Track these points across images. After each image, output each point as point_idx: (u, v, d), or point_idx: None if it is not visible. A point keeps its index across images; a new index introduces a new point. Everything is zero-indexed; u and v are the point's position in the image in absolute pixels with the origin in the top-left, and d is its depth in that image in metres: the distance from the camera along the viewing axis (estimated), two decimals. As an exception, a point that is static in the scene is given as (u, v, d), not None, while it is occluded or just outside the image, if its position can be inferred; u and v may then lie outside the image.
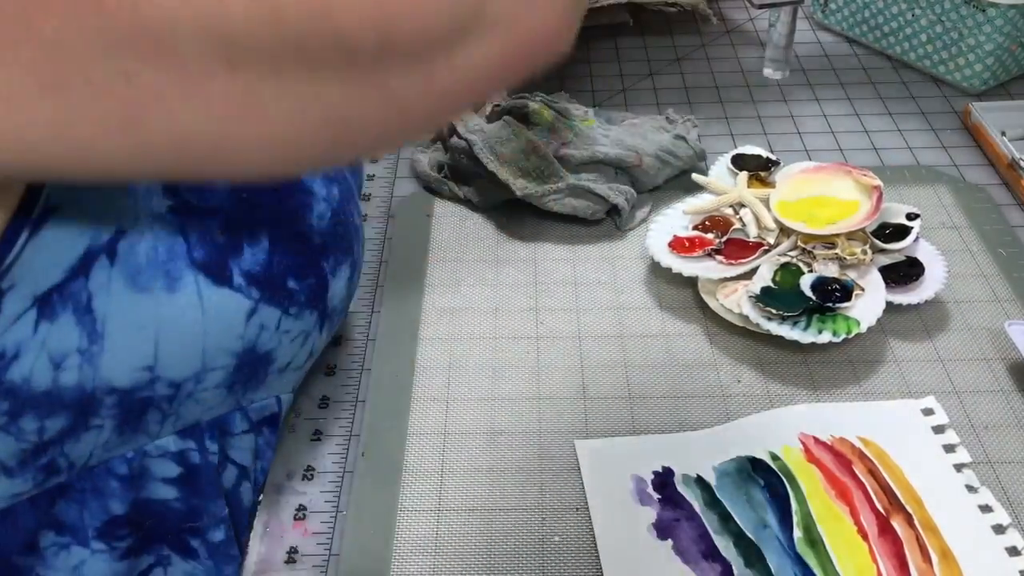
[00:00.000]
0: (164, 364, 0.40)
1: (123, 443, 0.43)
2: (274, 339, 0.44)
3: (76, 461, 0.41)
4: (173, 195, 0.39)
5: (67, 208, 0.35)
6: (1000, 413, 0.56)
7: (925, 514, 0.50)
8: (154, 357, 0.40)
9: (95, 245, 0.37)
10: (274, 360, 0.45)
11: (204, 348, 0.41)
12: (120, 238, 0.38)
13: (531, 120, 0.73)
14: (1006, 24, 0.80)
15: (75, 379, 0.38)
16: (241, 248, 0.41)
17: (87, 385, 0.38)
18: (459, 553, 0.49)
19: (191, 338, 0.40)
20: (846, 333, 0.57)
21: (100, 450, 0.42)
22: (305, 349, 0.47)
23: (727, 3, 1.02)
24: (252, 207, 0.41)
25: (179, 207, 0.39)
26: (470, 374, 0.59)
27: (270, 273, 0.42)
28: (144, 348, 0.39)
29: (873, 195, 0.64)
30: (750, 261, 0.62)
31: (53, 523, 0.43)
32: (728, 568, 0.48)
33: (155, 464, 0.45)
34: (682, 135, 0.75)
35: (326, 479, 0.53)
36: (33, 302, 0.36)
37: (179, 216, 0.39)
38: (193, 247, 0.39)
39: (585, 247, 0.69)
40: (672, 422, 0.56)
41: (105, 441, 0.41)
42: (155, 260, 0.38)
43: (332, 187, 0.46)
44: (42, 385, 0.37)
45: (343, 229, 0.46)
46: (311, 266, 0.44)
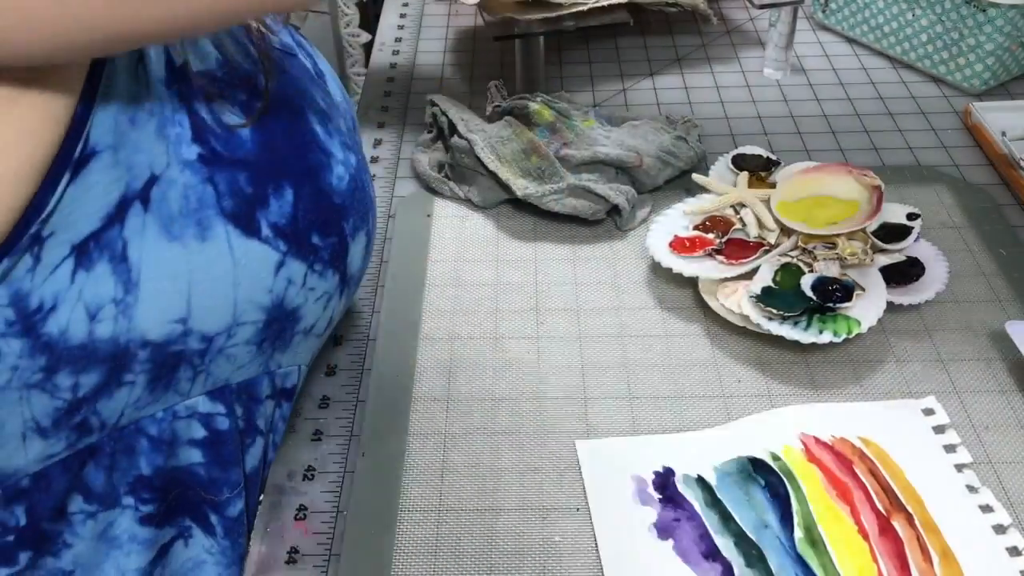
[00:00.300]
0: (196, 316, 0.41)
1: (154, 401, 0.43)
2: (300, 296, 0.44)
3: (108, 420, 0.42)
4: (202, 143, 0.40)
5: (105, 153, 0.36)
6: (1001, 413, 0.56)
7: (926, 514, 0.50)
8: (187, 309, 0.40)
9: (130, 191, 0.38)
10: (300, 319, 0.46)
11: (235, 300, 0.42)
12: (153, 184, 0.38)
13: (532, 120, 0.73)
14: (1006, 24, 0.80)
15: (110, 331, 0.39)
16: (267, 200, 0.42)
17: (121, 338, 0.39)
18: (459, 553, 0.49)
19: (222, 289, 0.41)
20: (847, 333, 0.57)
21: (131, 409, 0.42)
22: (327, 313, 0.48)
23: (727, 3, 1.02)
24: (275, 160, 0.42)
25: (208, 156, 0.40)
26: (470, 374, 0.59)
27: (296, 227, 0.43)
28: (177, 299, 0.40)
29: (873, 195, 0.64)
30: (751, 261, 0.62)
31: (82, 488, 0.44)
32: (729, 568, 0.48)
33: (184, 426, 0.45)
34: (682, 136, 0.75)
35: (327, 479, 0.53)
36: (71, 250, 0.37)
37: (208, 166, 0.40)
38: (222, 197, 0.40)
39: (585, 247, 0.69)
40: (673, 422, 0.56)
41: (137, 399, 0.42)
42: (186, 209, 0.39)
43: (349, 154, 0.47)
44: (78, 338, 0.38)
45: (361, 195, 0.47)
46: (333, 224, 0.45)
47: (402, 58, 0.94)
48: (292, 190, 0.43)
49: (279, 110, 0.43)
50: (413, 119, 0.84)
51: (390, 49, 0.96)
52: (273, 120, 0.43)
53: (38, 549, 0.44)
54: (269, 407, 0.50)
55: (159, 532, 0.48)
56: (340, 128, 0.47)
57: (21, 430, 0.39)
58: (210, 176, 0.40)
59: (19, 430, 0.39)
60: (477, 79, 0.90)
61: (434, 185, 0.75)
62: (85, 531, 0.45)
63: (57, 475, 0.42)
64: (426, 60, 0.94)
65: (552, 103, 0.75)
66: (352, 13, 1.56)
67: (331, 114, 0.47)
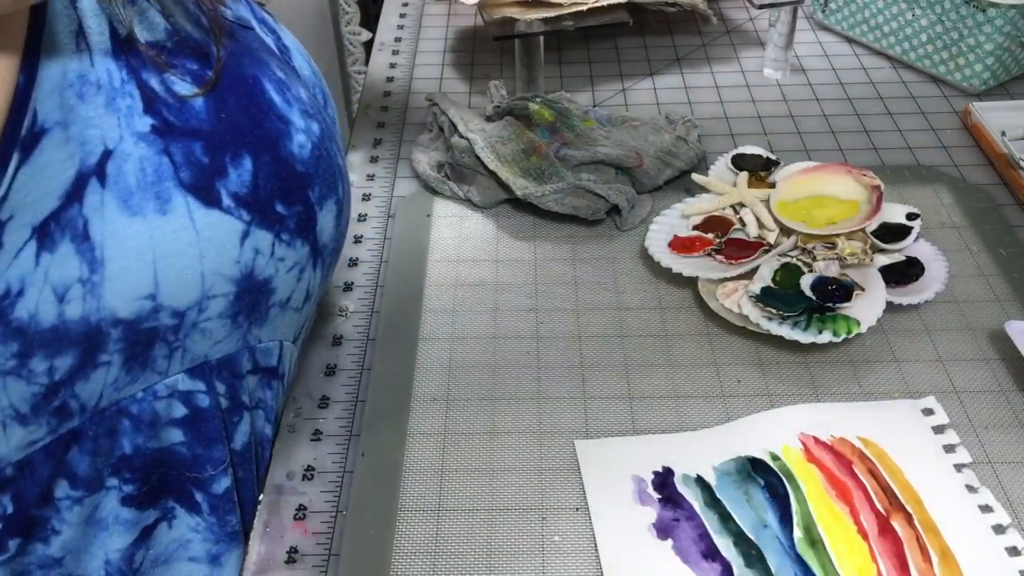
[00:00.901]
0: (165, 292, 0.41)
1: (132, 381, 0.43)
2: (270, 266, 0.44)
3: (87, 403, 0.42)
4: (154, 114, 0.39)
5: (55, 130, 0.35)
6: (1000, 413, 0.56)
7: (925, 514, 0.50)
8: (154, 284, 0.40)
9: (86, 168, 0.37)
10: (273, 291, 0.45)
11: (203, 273, 0.41)
12: (108, 159, 0.38)
13: (532, 121, 0.73)
14: (1006, 24, 0.80)
15: (80, 311, 0.38)
16: (225, 169, 0.41)
17: (92, 317, 0.39)
18: (459, 553, 0.49)
19: (188, 262, 0.41)
20: (846, 333, 0.57)
21: (110, 390, 0.42)
22: (301, 285, 0.47)
23: (727, 3, 1.02)
24: (231, 129, 0.42)
25: (161, 127, 0.40)
26: (470, 374, 0.59)
27: (257, 195, 0.42)
28: (143, 275, 0.40)
29: (873, 195, 0.64)
30: (750, 261, 0.62)
31: (67, 473, 0.44)
32: (728, 568, 0.48)
33: (164, 406, 0.45)
34: (682, 136, 0.75)
35: (326, 479, 0.53)
36: (32, 233, 0.36)
37: (162, 137, 0.40)
38: (179, 168, 0.40)
39: (585, 247, 0.69)
40: (672, 422, 0.56)
41: (115, 379, 0.42)
42: (144, 182, 0.39)
43: (311, 122, 0.46)
44: (48, 321, 0.38)
45: (327, 164, 0.47)
46: (297, 192, 0.45)
47: (402, 57, 0.94)
48: (251, 158, 0.42)
49: (232, 80, 0.43)
50: (413, 119, 0.84)
51: (390, 48, 0.96)
52: (227, 89, 0.42)
53: (27, 535, 0.44)
54: (252, 382, 0.49)
55: (141, 514, 0.48)
56: (300, 96, 0.47)
57: (0, 418, 0.39)
58: (165, 147, 0.40)
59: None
60: (477, 79, 0.90)
61: (434, 185, 0.75)
62: (72, 517, 0.45)
63: (41, 461, 0.42)
64: (426, 60, 0.94)
65: (552, 103, 0.75)
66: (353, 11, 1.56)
67: (289, 83, 0.47)
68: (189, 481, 0.48)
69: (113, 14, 0.39)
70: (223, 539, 0.50)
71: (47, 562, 0.45)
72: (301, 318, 0.50)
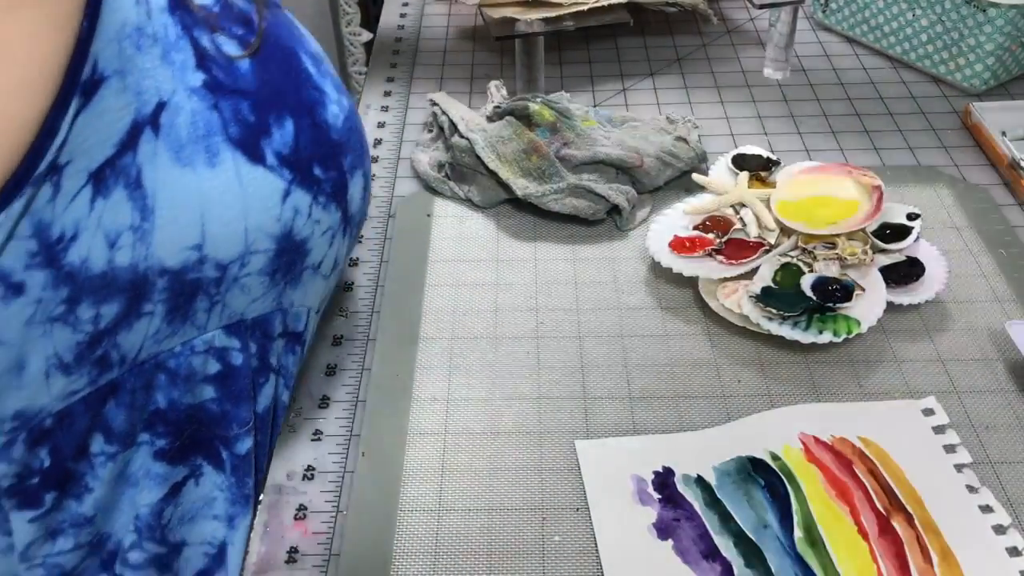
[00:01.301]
0: (211, 243, 0.42)
1: (172, 334, 0.44)
2: (307, 227, 0.46)
3: (128, 354, 0.43)
4: (206, 70, 0.41)
5: (113, 79, 0.37)
6: (1001, 413, 0.56)
7: (925, 514, 0.50)
8: (201, 235, 0.42)
9: (140, 117, 0.39)
10: (308, 252, 0.47)
11: (246, 228, 0.43)
12: (162, 110, 0.39)
13: (533, 121, 0.73)
14: (1006, 24, 0.80)
15: (129, 259, 0.40)
16: (269, 129, 0.43)
17: (140, 266, 0.40)
18: (459, 553, 0.49)
19: (234, 216, 0.42)
20: (846, 333, 0.57)
21: (151, 342, 0.44)
22: (332, 251, 0.49)
23: (727, 3, 1.02)
24: (274, 93, 0.44)
25: (212, 83, 0.41)
26: (470, 374, 0.59)
27: (298, 156, 0.44)
28: (191, 226, 0.41)
29: (873, 195, 0.64)
30: (750, 261, 0.62)
31: (103, 427, 0.45)
32: (728, 568, 0.48)
33: (200, 361, 0.47)
34: (683, 136, 0.75)
35: (326, 479, 0.53)
36: (88, 178, 0.38)
37: (212, 92, 0.41)
38: (228, 124, 0.42)
39: (586, 247, 0.69)
40: (672, 422, 0.56)
41: (156, 330, 0.43)
42: (195, 135, 0.41)
43: (342, 96, 0.49)
44: (98, 267, 0.39)
45: (356, 135, 0.49)
46: (332, 158, 0.47)
47: (402, 57, 0.94)
48: (292, 121, 0.44)
49: (273, 48, 0.45)
50: (413, 119, 0.84)
51: (390, 48, 0.96)
52: (268, 57, 0.44)
53: (62, 490, 0.45)
54: (280, 346, 0.51)
55: (172, 469, 0.49)
56: (331, 72, 0.49)
57: (44, 367, 0.40)
58: (215, 103, 0.41)
59: (43, 367, 0.40)
60: (477, 79, 0.90)
61: (434, 185, 0.75)
62: (105, 473, 0.46)
63: (79, 413, 0.43)
64: (426, 60, 0.94)
65: (552, 103, 0.75)
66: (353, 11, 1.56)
67: (321, 59, 0.49)
68: (217, 439, 0.50)
69: None
70: (239, 501, 0.51)
71: (79, 520, 0.46)
72: (327, 287, 0.52)
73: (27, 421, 0.42)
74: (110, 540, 0.48)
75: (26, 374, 0.40)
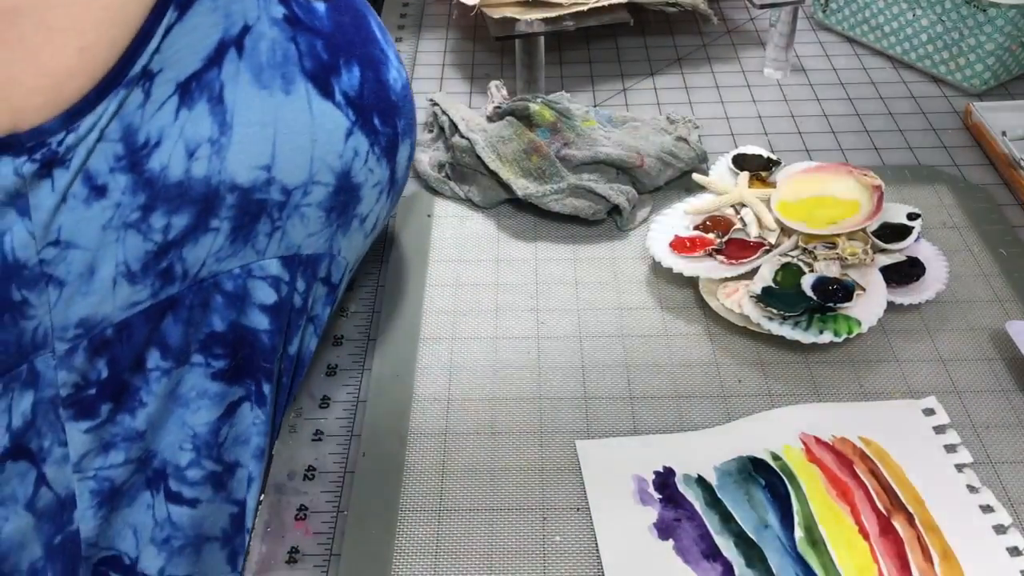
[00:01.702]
0: (279, 166, 0.44)
1: (233, 255, 0.46)
2: (363, 173, 0.48)
3: (190, 269, 0.45)
4: (286, 6, 0.44)
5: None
6: (1001, 413, 0.56)
7: (926, 514, 0.50)
8: (271, 156, 0.44)
9: (227, 37, 0.41)
10: (360, 200, 0.49)
11: (312, 156, 0.45)
12: (247, 33, 0.42)
13: (533, 121, 0.73)
14: (1007, 24, 0.80)
15: (204, 171, 0.42)
16: (339, 70, 0.46)
17: (213, 179, 0.42)
18: (460, 553, 0.49)
19: (302, 142, 0.44)
20: (847, 333, 0.57)
21: (212, 259, 0.45)
22: (377, 207, 0.51)
23: (727, 3, 1.02)
24: (346, 40, 0.46)
25: (291, 18, 0.44)
26: (471, 374, 0.59)
27: (362, 101, 0.47)
28: (264, 146, 0.43)
29: (874, 195, 0.64)
30: (751, 261, 0.62)
31: (159, 342, 0.46)
32: (729, 568, 0.48)
33: (256, 286, 0.48)
34: (683, 137, 0.75)
35: (327, 479, 0.53)
36: (176, 88, 0.40)
37: (291, 26, 0.43)
38: (304, 56, 0.44)
39: (586, 247, 0.69)
40: (673, 422, 0.56)
41: (219, 248, 0.45)
42: (273, 61, 0.43)
43: (401, 66, 0.51)
44: (176, 176, 0.41)
45: (410, 105, 0.51)
46: (390, 115, 0.49)
47: (403, 58, 0.94)
48: (359, 69, 0.46)
49: (346, 5, 0.47)
50: (413, 119, 0.84)
51: (390, 49, 0.96)
52: (344, 8, 0.47)
53: (117, 402, 0.46)
54: (320, 291, 0.52)
55: (228, 389, 0.50)
56: (393, 44, 0.51)
57: (113, 275, 0.42)
58: (293, 36, 0.43)
59: (111, 275, 0.42)
60: (477, 79, 0.90)
61: (434, 185, 0.75)
62: (159, 389, 0.47)
63: (139, 325, 0.45)
64: (426, 60, 0.94)
65: (552, 103, 0.75)
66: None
67: (386, 30, 0.51)
68: (261, 371, 0.51)
69: None
70: (266, 435, 0.52)
71: (131, 435, 0.47)
72: (364, 245, 0.54)
73: (90, 329, 0.43)
74: (156, 458, 0.49)
75: (95, 280, 0.41)
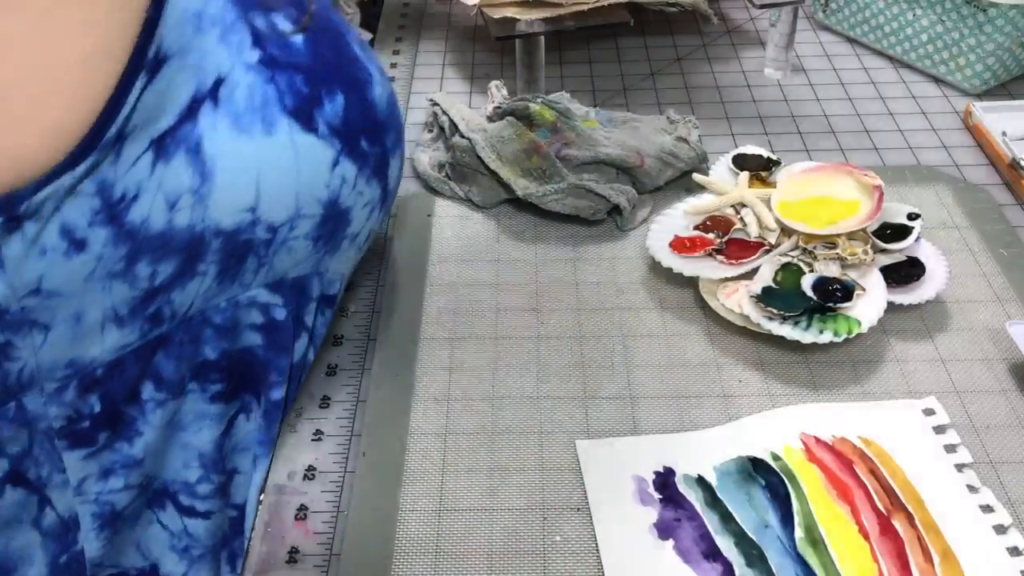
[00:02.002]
0: (264, 206, 0.44)
1: (220, 292, 0.46)
2: (351, 197, 0.48)
3: (179, 310, 0.45)
4: (261, 48, 0.43)
5: (175, 58, 0.39)
6: (1001, 413, 0.56)
7: (926, 514, 0.50)
8: (256, 198, 0.44)
9: (200, 92, 0.41)
10: (349, 222, 0.49)
11: (297, 192, 0.45)
12: (221, 84, 0.42)
13: (533, 122, 0.73)
14: (1007, 24, 0.80)
15: (187, 220, 0.42)
16: (322, 101, 0.46)
17: (197, 226, 0.42)
18: (460, 553, 0.49)
19: (287, 180, 0.45)
20: (847, 333, 0.57)
21: (200, 299, 0.46)
22: (368, 224, 0.51)
23: (727, 3, 1.02)
24: (326, 68, 0.46)
25: (267, 59, 0.43)
26: (471, 374, 0.59)
27: (347, 128, 0.47)
28: (247, 188, 0.43)
29: (874, 195, 0.64)
30: (751, 261, 0.62)
31: (152, 375, 0.47)
32: (729, 568, 0.48)
33: (245, 312, 0.49)
34: (683, 137, 0.75)
35: (327, 479, 0.53)
36: (150, 144, 0.40)
37: (268, 67, 0.43)
38: (283, 95, 0.44)
39: (586, 247, 0.69)
40: (673, 422, 0.56)
41: (207, 289, 0.45)
42: (252, 105, 0.43)
43: (385, 79, 0.51)
44: (158, 226, 0.41)
45: (396, 118, 0.51)
46: (377, 134, 0.49)
47: (402, 57, 0.94)
48: (342, 95, 0.46)
49: (324, 28, 0.47)
50: (413, 119, 0.84)
51: (390, 48, 0.96)
52: (320, 35, 0.47)
53: (114, 430, 0.46)
54: (314, 307, 0.53)
55: (227, 406, 0.51)
56: (375, 58, 0.51)
57: (100, 320, 0.42)
58: (271, 77, 0.43)
59: (99, 320, 0.42)
60: (477, 79, 0.90)
61: (434, 185, 0.75)
62: (155, 419, 0.47)
63: (130, 363, 0.45)
64: (426, 60, 0.94)
65: (552, 104, 0.75)
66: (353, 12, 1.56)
67: (365, 45, 0.51)
68: (259, 384, 0.51)
69: None
70: (265, 443, 0.53)
71: (130, 463, 0.47)
72: (356, 258, 0.54)
73: (79, 370, 0.43)
74: (159, 480, 0.50)
75: (82, 326, 0.41)
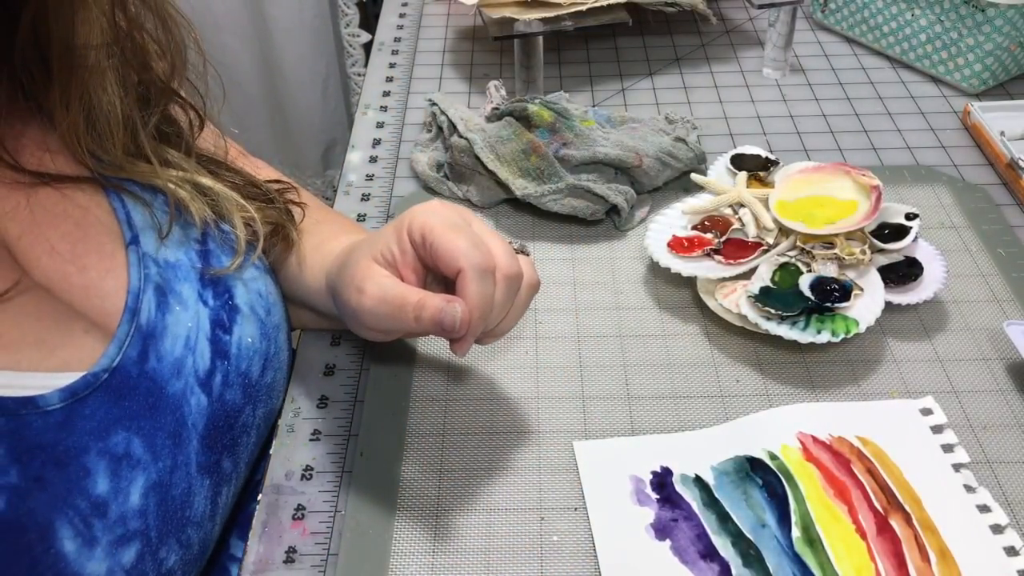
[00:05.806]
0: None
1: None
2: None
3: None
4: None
5: None
6: (998, 413, 0.56)
7: (923, 513, 0.50)
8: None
9: None
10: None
11: None
12: None
13: (532, 122, 0.73)
14: (1005, 24, 0.80)
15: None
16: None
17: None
18: (457, 553, 0.49)
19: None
20: (845, 333, 0.57)
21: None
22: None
23: (727, 3, 1.02)
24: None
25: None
26: (469, 374, 0.59)
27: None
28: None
29: (872, 195, 0.64)
30: (749, 261, 0.62)
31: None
32: (726, 568, 0.48)
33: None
34: (682, 137, 0.75)
35: (325, 479, 0.53)
36: None
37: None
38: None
39: (584, 247, 0.69)
40: (671, 422, 0.56)
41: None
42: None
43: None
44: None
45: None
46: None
47: (401, 58, 0.94)
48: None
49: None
50: (413, 119, 0.85)
51: (389, 49, 0.96)
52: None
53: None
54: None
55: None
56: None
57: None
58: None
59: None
60: (477, 79, 0.90)
61: (433, 185, 0.75)
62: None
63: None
64: (425, 60, 0.94)
65: (551, 104, 0.75)
66: (352, 13, 1.56)
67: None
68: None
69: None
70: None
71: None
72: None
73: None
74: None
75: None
